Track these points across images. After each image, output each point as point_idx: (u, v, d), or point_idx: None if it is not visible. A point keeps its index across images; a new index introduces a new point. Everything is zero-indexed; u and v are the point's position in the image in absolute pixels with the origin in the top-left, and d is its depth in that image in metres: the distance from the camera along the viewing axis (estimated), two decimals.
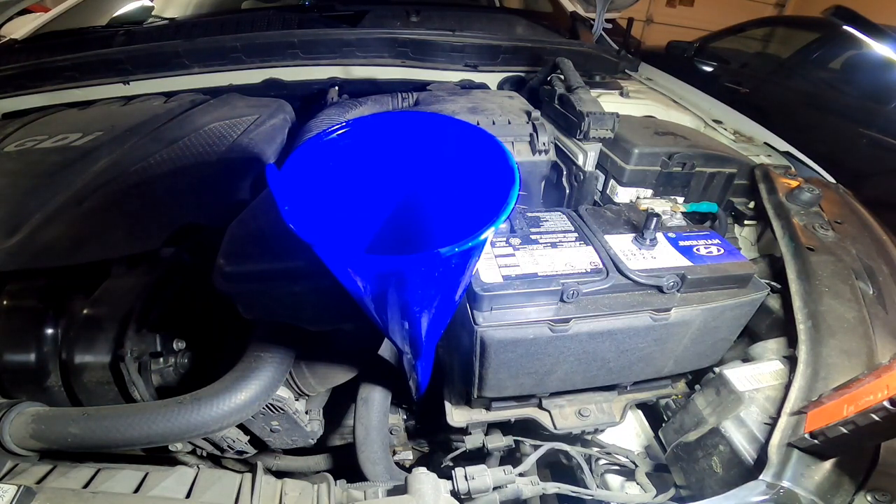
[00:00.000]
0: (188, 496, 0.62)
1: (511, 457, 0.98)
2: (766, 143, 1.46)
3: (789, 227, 0.96)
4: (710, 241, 0.79)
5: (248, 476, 0.67)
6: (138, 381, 0.81)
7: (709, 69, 3.77)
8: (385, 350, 0.88)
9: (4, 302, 0.89)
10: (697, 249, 0.77)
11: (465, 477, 0.72)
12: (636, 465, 0.87)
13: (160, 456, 0.92)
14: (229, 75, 1.63)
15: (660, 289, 0.71)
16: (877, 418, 0.48)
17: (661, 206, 0.98)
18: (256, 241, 0.73)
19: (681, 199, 1.08)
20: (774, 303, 0.90)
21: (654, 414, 1.01)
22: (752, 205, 1.15)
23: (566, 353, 0.72)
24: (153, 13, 1.95)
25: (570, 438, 0.93)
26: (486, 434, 0.96)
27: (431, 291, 0.48)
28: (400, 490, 0.68)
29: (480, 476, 0.72)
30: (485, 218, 0.41)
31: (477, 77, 1.67)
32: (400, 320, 0.53)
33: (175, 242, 0.94)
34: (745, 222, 1.16)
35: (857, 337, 0.74)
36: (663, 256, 0.76)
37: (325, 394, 0.98)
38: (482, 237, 0.40)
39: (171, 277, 0.93)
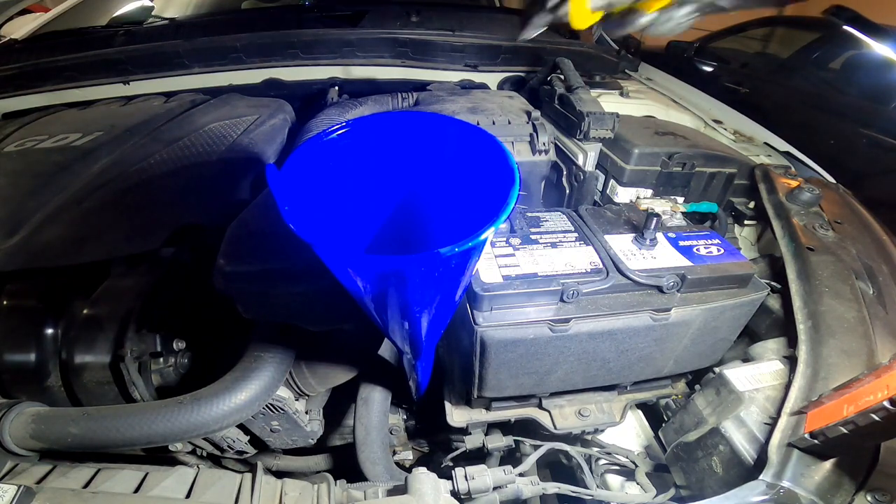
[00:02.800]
0: (188, 496, 0.62)
1: (511, 457, 0.98)
2: (766, 143, 1.46)
3: (789, 227, 0.95)
4: (710, 241, 0.79)
5: (248, 476, 0.67)
6: (138, 381, 0.82)
7: (709, 69, 3.76)
8: (385, 350, 0.89)
9: (4, 302, 0.89)
10: (697, 249, 0.77)
11: (465, 477, 0.72)
12: (636, 465, 0.87)
13: (160, 456, 0.92)
14: (229, 75, 1.62)
15: (660, 289, 0.71)
16: (877, 418, 0.48)
17: (661, 206, 0.98)
18: (256, 242, 0.73)
19: (681, 199, 1.08)
20: (774, 303, 0.90)
21: (654, 414, 1.01)
22: (752, 205, 1.15)
23: (566, 353, 0.72)
24: (153, 13, 1.95)
25: (570, 438, 0.93)
26: (486, 434, 0.96)
27: (431, 291, 0.48)
28: (400, 490, 0.68)
29: (480, 476, 0.72)
30: (485, 218, 0.41)
31: (477, 77, 1.67)
32: (400, 320, 0.53)
33: (175, 242, 0.93)
34: (745, 222, 1.16)
35: (857, 337, 0.74)
36: (663, 256, 0.76)
37: (325, 394, 0.98)
38: (482, 237, 0.40)
39: (171, 277, 0.93)
